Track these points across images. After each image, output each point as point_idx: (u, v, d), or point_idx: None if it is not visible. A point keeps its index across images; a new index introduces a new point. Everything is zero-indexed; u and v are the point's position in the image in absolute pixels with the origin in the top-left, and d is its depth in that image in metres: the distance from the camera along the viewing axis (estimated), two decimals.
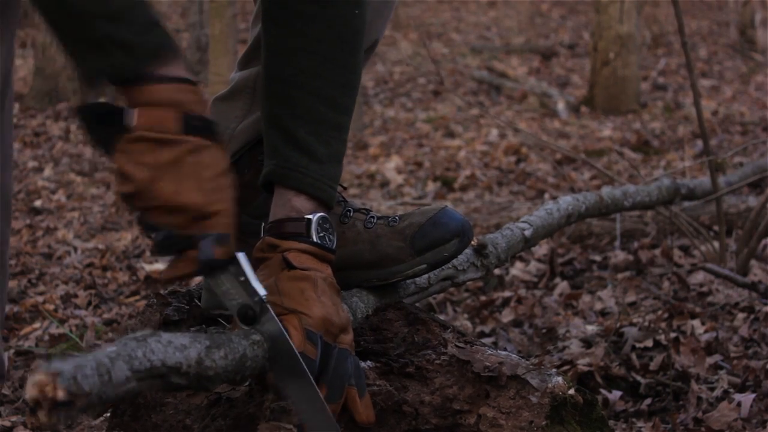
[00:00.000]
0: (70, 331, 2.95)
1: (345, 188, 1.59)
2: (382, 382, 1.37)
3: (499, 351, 1.44)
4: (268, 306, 1.27)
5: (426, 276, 1.57)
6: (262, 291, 1.26)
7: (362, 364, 1.38)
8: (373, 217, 1.52)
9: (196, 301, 1.56)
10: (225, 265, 1.25)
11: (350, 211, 1.53)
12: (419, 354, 1.43)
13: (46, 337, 2.91)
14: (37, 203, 5.17)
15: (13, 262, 3.98)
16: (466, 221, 1.52)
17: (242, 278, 1.26)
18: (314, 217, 1.37)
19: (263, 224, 1.42)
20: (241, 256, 1.27)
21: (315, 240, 1.36)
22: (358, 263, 1.49)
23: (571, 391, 1.35)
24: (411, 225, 1.49)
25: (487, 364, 1.38)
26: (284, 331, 1.27)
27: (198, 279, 1.56)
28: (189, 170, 1.21)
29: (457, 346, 1.43)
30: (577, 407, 1.36)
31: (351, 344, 1.34)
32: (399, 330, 1.48)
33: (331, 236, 1.39)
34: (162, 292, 1.58)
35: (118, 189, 1.25)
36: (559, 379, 1.36)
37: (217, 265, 1.24)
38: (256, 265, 1.35)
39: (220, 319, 1.49)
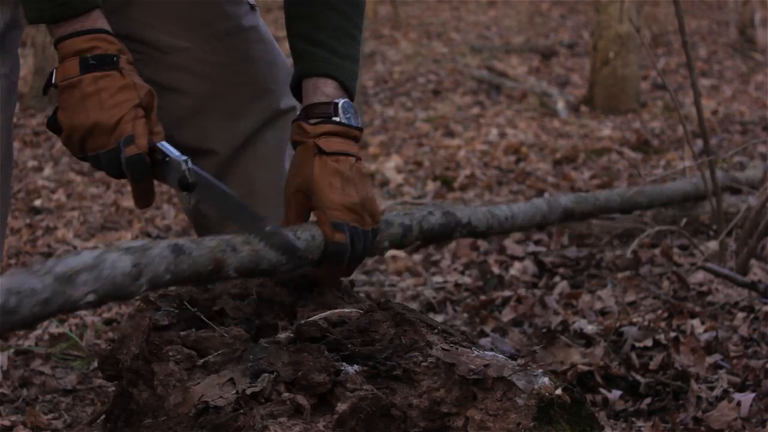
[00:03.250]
0: (70, 330, 2.95)
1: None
2: (369, 386, 1.36)
3: (485, 352, 1.43)
4: (194, 167, 1.47)
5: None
6: (182, 157, 1.46)
7: (348, 368, 1.38)
8: None
9: (186, 304, 1.56)
10: (141, 159, 1.45)
11: None
12: (406, 356, 1.42)
13: (46, 337, 2.91)
14: (37, 203, 5.17)
15: (12, 261, 3.98)
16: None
17: (167, 159, 1.46)
18: (340, 101, 1.57)
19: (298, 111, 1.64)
20: (161, 144, 1.47)
21: (342, 120, 1.56)
22: None
23: (558, 391, 1.34)
24: None
25: (472, 366, 1.37)
26: (213, 179, 1.50)
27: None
28: (92, 98, 1.46)
29: (442, 348, 1.41)
30: (566, 406, 1.35)
31: (374, 222, 1.56)
32: (386, 331, 1.47)
33: (356, 115, 1.59)
34: (151, 297, 1.57)
35: (61, 142, 1.53)
36: (546, 379, 1.35)
37: (133, 161, 1.44)
38: (294, 147, 1.59)
39: (209, 322, 1.50)
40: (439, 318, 3.02)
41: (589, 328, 2.64)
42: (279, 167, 1.83)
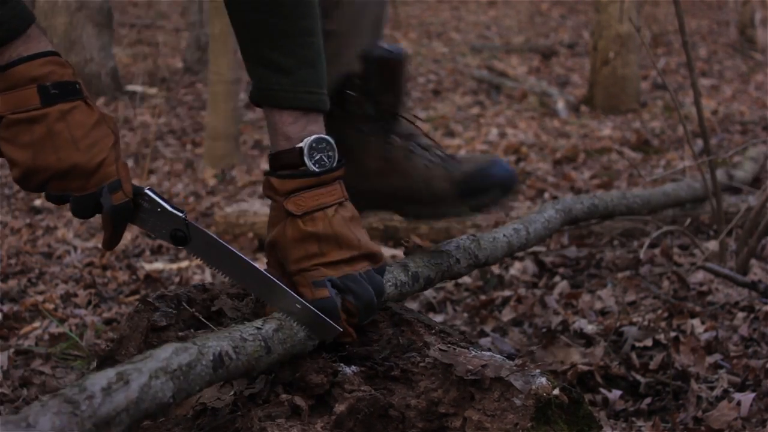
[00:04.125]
0: (70, 330, 2.95)
1: (420, 119, 1.69)
2: (367, 387, 1.36)
3: (483, 352, 1.42)
4: (190, 222, 1.36)
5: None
6: (179, 211, 1.36)
7: (346, 369, 1.38)
8: (435, 155, 1.62)
9: (184, 304, 1.56)
10: (128, 206, 1.34)
11: (415, 147, 1.63)
12: (404, 357, 1.42)
13: (46, 337, 2.91)
14: (37, 202, 5.17)
15: (12, 261, 3.98)
16: (512, 174, 1.62)
17: (159, 209, 1.35)
18: (305, 144, 1.39)
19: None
20: (149, 190, 1.36)
21: (312, 169, 1.39)
22: (411, 197, 1.60)
23: (556, 391, 1.34)
24: (461, 171, 1.59)
25: (470, 367, 1.37)
26: (217, 238, 1.38)
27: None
28: (62, 136, 1.28)
29: (440, 349, 1.41)
30: (563, 406, 1.35)
31: (373, 264, 1.42)
32: (384, 332, 1.47)
33: (329, 153, 1.41)
34: (149, 298, 1.57)
35: (11, 175, 1.33)
36: (543, 379, 1.34)
37: (121, 210, 1.33)
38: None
39: (207, 322, 1.49)
40: (439, 318, 3.02)
41: (589, 328, 2.64)
42: None
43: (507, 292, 3.18)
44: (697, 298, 2.94)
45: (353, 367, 1.39)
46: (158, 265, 3.87)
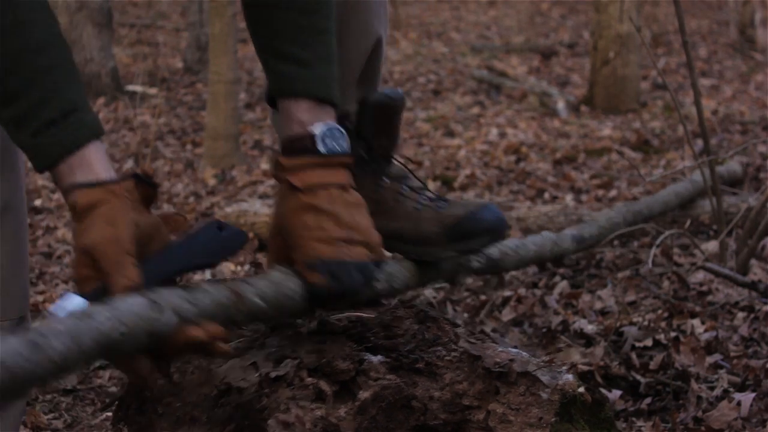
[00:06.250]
0: None
1: (414, 162, 1.70)
2: (391, 376, 1.37)
3: (510, 348, 1.44)
4: None
5: None
6: None
7: (372, 358, 1.39)
8: (425, 197, 1.64)
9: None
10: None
11: (405, 189, 1.64)
12: (429, 350, 1.43)
13: None
14: (37, 202, 5.17)
15: None
16: (502, 220, 1.63)
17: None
18: (318, 131, 1.40)
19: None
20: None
21: (322, 151, 1.40)
22: (399, 237, 1.62)
23: (581, 389, 1.36)
24: (451, 215, 1.61)
25: (498, 360, 1.38)
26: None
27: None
28: (94, 226, 1.23)
29: (468, 341, 1.43)
30: (586, 406, 1.36)
31: (370, 253, 1.39)
32: (409, 327, 1.48)
33: (341, 142, 1.42)
34: None
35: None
36: (570, 376, 1.37)
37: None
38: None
39: None
40: None
41: (589, 328, 2.64)
42: None
43: (507, 292, 3.18)
44: (697, 298, 2.94)
45: (379, 357, 1.40)
46: None
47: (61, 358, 1.03)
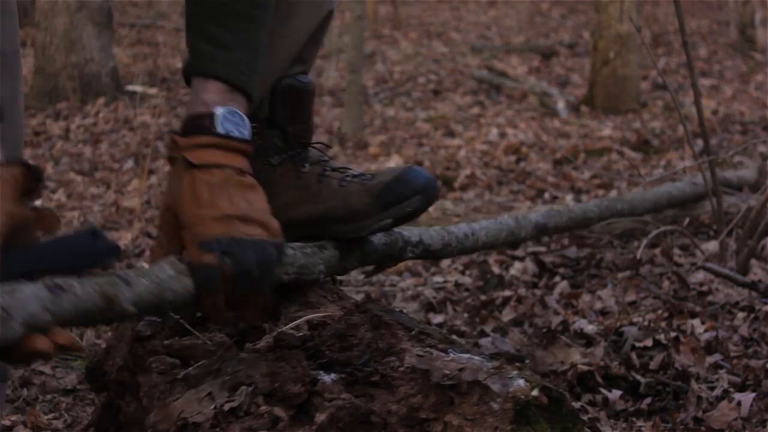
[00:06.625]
0: (71, 329, 2.94)
1: (328, 146, 1.68)
2: (347, 395, 1.34)
3: (461, 354, 1.40)
4: None
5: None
6: None
7: (325, 378, 1.36)
8: (348, 175, 1.60)
9: (170, 312, 1.54)
10: None
11: (327, 170, 1.62)
12: (383, 361, 1.39)
13: None
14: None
15: None
16: (431, 180, 1.59)
17: None
18: (219, 111, 1.36)
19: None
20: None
21: (220, 132, 1.35)
22: (331, 218, 1.58)
23: (535, 392, 1.32)
24: (378, 183, 1.57)
25: (447, 371, 1.34)
26: None
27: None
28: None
29: (416, 355, 1.39)
30: (544, 406, 1.33)
31: (266, 233, 1.34)
32: (364, 335, 1.45)
33: (240, 128, 1.37)
34: None
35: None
36: (521, 381, 1.32)
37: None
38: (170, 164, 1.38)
39: (192, 329, 1.48)
40: (439, 318, 3.02)
41: (590, 328, 2.64)
42: None
43: (507, 292, 3.18)
44: (697, 298, 2.94)
45: (333, 375, 1.37)
46: None
47: None
